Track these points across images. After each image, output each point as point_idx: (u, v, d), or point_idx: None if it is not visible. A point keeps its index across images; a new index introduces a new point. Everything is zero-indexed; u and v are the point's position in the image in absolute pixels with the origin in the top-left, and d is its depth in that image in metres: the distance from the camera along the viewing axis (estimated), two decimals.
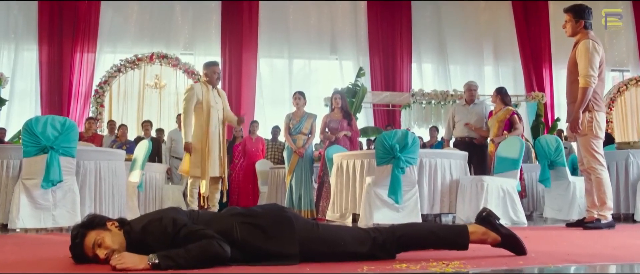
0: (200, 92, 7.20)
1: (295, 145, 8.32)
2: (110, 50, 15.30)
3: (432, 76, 16.62)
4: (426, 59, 16.71)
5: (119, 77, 14.29)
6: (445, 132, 9.06)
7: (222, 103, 7.42)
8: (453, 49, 16.57)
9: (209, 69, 7.38)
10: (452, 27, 16.62)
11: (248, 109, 15.28)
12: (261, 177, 10.37)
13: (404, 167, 6.40)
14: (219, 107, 7.31)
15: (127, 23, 15.47)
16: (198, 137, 7.15)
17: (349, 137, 8.43)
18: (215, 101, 7.29)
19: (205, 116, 7.14)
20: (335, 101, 8.54)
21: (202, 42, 15.73)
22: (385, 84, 16.07)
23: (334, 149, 7.95)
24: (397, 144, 6.40)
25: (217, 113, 7.25)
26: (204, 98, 7.19)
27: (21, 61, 15.18)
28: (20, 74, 15.09)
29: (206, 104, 7.17)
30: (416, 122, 14.50)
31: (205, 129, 7.10)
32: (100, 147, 7.37)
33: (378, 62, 16.17)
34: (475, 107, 8.68)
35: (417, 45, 16.57)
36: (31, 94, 15.00)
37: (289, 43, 16.09)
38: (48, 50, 15.05)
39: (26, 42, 15.17)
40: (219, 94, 7.43)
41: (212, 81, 7.33)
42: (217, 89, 7.49)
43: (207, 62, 7.53)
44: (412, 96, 14.39)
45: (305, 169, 8.31)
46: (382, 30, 16.37)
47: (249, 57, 15.70)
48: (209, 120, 7.13)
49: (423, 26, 16.63)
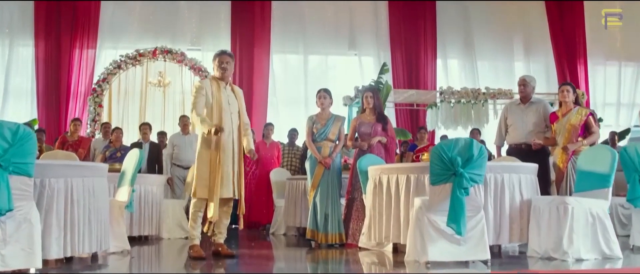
0: (209, 91, 5.61)
1: (320, 154, 6.65)
2: (111, 46, 13.65)
3: (458, 73, 14.87)
4: (452, 55, 14.95)
5: (119, 74, 12.65)
6: (496, 137, 7.32)
7: (238, 104, 5.80)
8: (481, 43, 14.83)
9: (218, 59, 5.77)
10: (480, 21, 14.87)
11: (260, 109, 13.69)
12: (277, 189, 8.67)
13: (468, 187, 4.73)
14: (233, 110, 5.70)
15: (129, 17, 13.82)
16: (206, 146, 5.52)
17: (384, 144, 6.75)
18: (228, 101, 5.68)
19: (217, 120, 5.53)
20: (367, 100, 6.85)
21: (211, 37, 14.03)
22: (408, 81, 14.39)
23: (368, 160, 6.25)
24: (459, 156, 4.72)
25: (230, 117, 5.64)
26: (214, 98, 5.57)
27: (16, 58, 13.62)
28: (15, 72, 13.54)
29: (217, 106, 5.56)
30: (444, 123, 12.80)
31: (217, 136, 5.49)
32: (72, 161, 5.67)
33: (400, 57, 14.48)
34: (532, 106, 6.96)
35: (442, 40, 14.83)
36: (27, 93, 13.45)
37: (304, 38, 14.38)
38: (45, 46, 13.49)
39: (22, 37, 13.62)
40: (234, 93, 5.82)
41: (224, 76, 5.73)
42: (232, 86, 5.88)
43: (217, 52, 5.91)
44: (441, 94, 12.68)
45: (333, 183, 6.64)
46: (405, 24, 14.64)
47: (261, 52, 14.04)
48: (220, 123, 5.53)
49: (448, 19, 14.88)
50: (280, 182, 8.63)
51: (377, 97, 6.88)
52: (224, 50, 5.99)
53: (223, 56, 5.78)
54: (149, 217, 7.12)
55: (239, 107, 5.77)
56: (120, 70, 12.59)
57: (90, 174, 4.97)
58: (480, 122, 12.76)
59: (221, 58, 5.75)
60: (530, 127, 6.79)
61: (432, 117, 12.98)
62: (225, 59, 5.75)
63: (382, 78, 12.09)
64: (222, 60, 5.73)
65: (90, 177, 4.96)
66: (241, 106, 5.82)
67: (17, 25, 13.64)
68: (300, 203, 7.77)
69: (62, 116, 13.19)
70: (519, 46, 15.05)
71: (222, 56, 5.77)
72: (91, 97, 12.43)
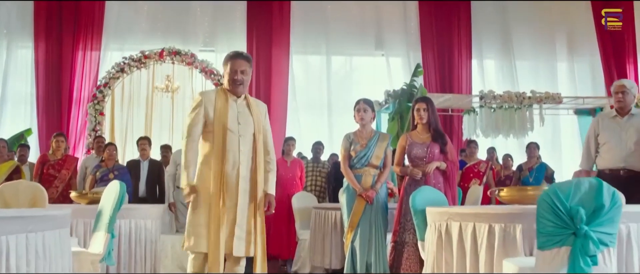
0: (212, 105, 3.94)
1: (361, 184, 4.96)
2: (117, 47, 12.07)
3: (495, 74, 13.11)
4: (488, 55, 13.18)
5: (122, 78, 11.04)
6: (583, 160, 5.55)
7: (255, 126, 4.07)
8: (520, 42, 13.05)
9: (230, 64, 4.09)
10: (519, 18, 13.10)
11: (279, 115, 12.07)
12: (300, 218, 6.94)
13: (596, 255, 3.02)
14: (246, 132, 3.99)
15: (137, 15, 12.24)
16: (202, 179, 3.88)
17: (443, 170, 5.05)
18: (238, 120, 3.98)
19: (218, 146, 3.86)
20: (419, 113, 5.15)
21: (225, 37, 12.40)
22: (441, 83, 12.68)
23: (424, 195, 4.48)
24: (582, 207, 3.01)
25: (239, 143, 3.95)
26: (217, 114, 3.89)
27: (15, 60, 12.13)
28: (13, 75, 12.05)
29: (221, 126, 3.89)
30: (484, 130, 11.06)
31: (219, 168, 3.84)
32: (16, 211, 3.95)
33: (432, 58, 12.75)
34: (634, 120, 5.21)
35: (477, 38, 13.06)
36: (26, 98, 11.96)
37: (326, 37, 12.69)
38: (46, 47, 11.97)
39: (21, 38, 12.14)
40: (249, 110, 4.11)
41: (236, 90, 4.05)
42: (249, 99, 4.15)
43: (230, 54, 4.19)
44: (481, 99, 10.92)
45: (377, 222, 4.97)
46: (437, 20, 12.90)
47: (280, 53, 12.38)
48: (223, 153, 3.86)
49: (484, 16, 13.11)
50: (304, 210, 6.90)
51: (432, 109, 5.17)
52: (239, 52, 4.23)
53: (238, 60, 4.09)
54: (141, 259, 5.45)
55: (256, 130, 4.06)
56: (124, 74, 11.00)
57: (42, 228, 3.31)
58: (523, 130, 11.04)
59: (235, 63, 4.07)
60: (631, 147, 5.06)
61: (470, 124, 11.26)
62: (241, 64, 4.07)
63: (415, 81, 10.43)
64: (237, 66, 4.05)
65: (42, 230, 3.30)
66: (261, 128, 4.10)
67: (16, 25, 12.18)
68: (330, 238, 6.06)
69: (63, 124, 11.67)
70: (562, 45, 13.25)
71: (236, 60, 4.08)
72: (91, 105, 10.85)
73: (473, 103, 11.35)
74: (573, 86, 12.90)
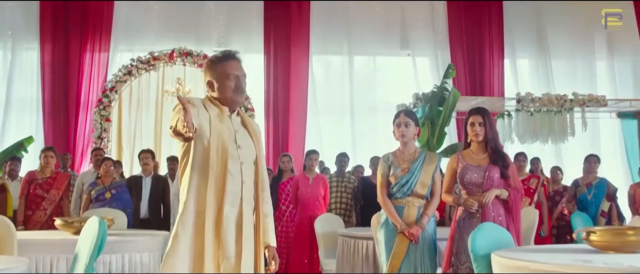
0: (205, 115, 2.89)
1: (403, 219, 3.93)
2: (126, 48, 11.16)
3: (529, 74, 12.03)
4: (522, 54, 12.07)
5: (130, 82, 10.08)
6: None
7: (255, 149, 3.04)
8: (555, 40, 11.92)
9: (223, 67, 3.00)
10: (554, 15, 11.98)
11: (299, 121, 11.12)
12: (325, 244, 5.86)
13: None
14: (247, 158, 2.97)
15: (147, 15, 11.32)
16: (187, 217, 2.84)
17: (504, 200, 3.99)
18: (238, 142, 2.95)
19: (216, 176, 2.83)
20: (474, 129, 4.05)
21: (240, 37, 11.43)
22: (471, 85, 11.62)
23: (487, 235, 3.41)
24: None
25: (241, 172, 2.90)
26: (214, 131, 2.86)
27: (20, 62, 11.27)
28: (18, 78, 11.17)
29: (219, 146, 2.85)
30: (521, 136, 10.00)
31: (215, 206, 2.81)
32: None
33: (461, 58, 11.68)
34: None
35: (510, 36, 11.97)
36: (32, 102, 11.08)
37: (348, 36, 11.67)
38: (52, 49, 11.10)
39: (26, 39, 11.28)
40: (247, 129, 3.07)
41: (238, 97, 3.00)
42: (243, 117, 3.11)
43: (218, 54, 3.11)
44: (518, 102, 9.84)
45: (424, 265, 3.92)
46: (466, 18, 11.82)
47: (299, 53, 11.38)
48: (223, 185, 2.83)
49: (517, 13, 12.00)
50: (329, 236, 5.83)
51: (490, 123, 4.06)
52: (229, 51, 3.10)
53: (234, 62, 3.03)
54: None
55: (258, 155, 3.06)
56: (132, 77, 10.04)
57: None
58: (564, 135, 10.05)
59: (231, 65, 3.01)
60: None
61: (504, 129, 10.21)
62: (238, 67, 3.03)
63: (446, 83, 9.38)
64: (235, 70, 3.00)
65: None
66: (262, 153, 3.11)
67: (21, 25, 11.34)
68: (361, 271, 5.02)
69: (70, 130, 10.83)
70: (601, 43, 12.09)
71: (231, 62, 3.02)
72: (97, 110, 9.93)
73: (507, 106, 10.31)
74: (613, 87, 11.78)
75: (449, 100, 9.01)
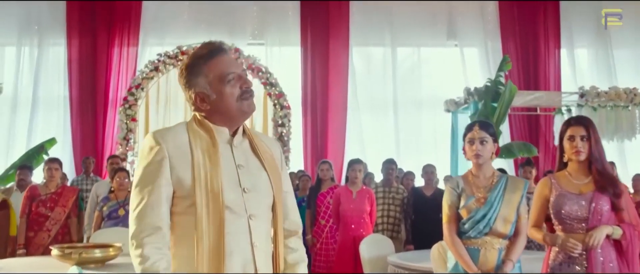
0: (182, 158, 1.88)
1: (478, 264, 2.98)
2: (156, 42, 10.48)
3: (588, 66, 11.02)
4: (580, 43, 11.05)
5: (157, 78, 9.32)
6: None
7: (272, 181, 1.97)
8: (617, 28, 10.78)
9: (213, 64, 1.94)
10: None
11: (338, 118, 10.34)
12: (372, 269, 4.89)
13: None
14: (259, 206, 1.92)
15: (178, 8, 10.62)
16: None
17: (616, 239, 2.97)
18: (243, 183, 1.90)
19: (210, 242, 1.82)
20: (574, 144, 2.99)
21: (276, 29, 10.72)
22: (525, 77, 10.66)
23: None
24: None
25: (249, 229, 1.88)
26: (204, 172, 1.86)
27: (46, 59, 10.71)
28: (45, 75, 10.64)
29: (210, 203, 1.84)
30: None
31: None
32: None
33: (514, 48, 10.69)
34: None
35: (566, 24, 10.94)
36: (59, 100, 10.52)
37: (390, 26, 10.84)
38: (79, 44, 10.56)
39: (52, 35, 10.74)
40: (257, 155, 1.99)
41: (246, 107, 1.97)
42: (249, 134, 2.03)
43: (200, 52, 1.99)
44: (582, 96, 8.78)
45: None
46: (519, 5, 10.84)
47: (338, 45, 10.60)
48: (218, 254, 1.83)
49: None
50: (377, 261, 4.82)
51: (595, 137, 3.01)
52: (215, 43, 2.01)
53: (226, 57, 2.00)
54: None
55: (276, 191, 1.99)
56: (159, 73, 9.25)
57: None
58: (632, 132, 9.00)
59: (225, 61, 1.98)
60: None
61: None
62: (233, 63, 1.99)
63: (501, 76, 8.42)
64: (232, 67, 1.96)
65: None
66: (281, 186, 2.03)
67: (47, 20, 10.78)
68: None
69: (98, 129, 10.26)
70: None
71: (224, 57, 1.99)
72: (122, 109, 9.19)
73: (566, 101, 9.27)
74: None
75: (505, 95, 8.05)
